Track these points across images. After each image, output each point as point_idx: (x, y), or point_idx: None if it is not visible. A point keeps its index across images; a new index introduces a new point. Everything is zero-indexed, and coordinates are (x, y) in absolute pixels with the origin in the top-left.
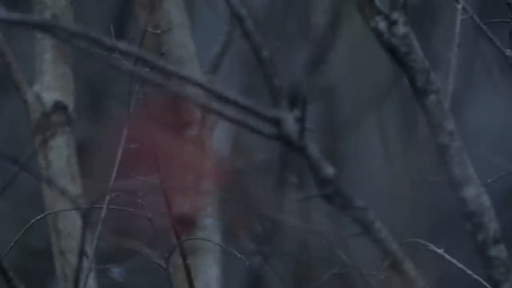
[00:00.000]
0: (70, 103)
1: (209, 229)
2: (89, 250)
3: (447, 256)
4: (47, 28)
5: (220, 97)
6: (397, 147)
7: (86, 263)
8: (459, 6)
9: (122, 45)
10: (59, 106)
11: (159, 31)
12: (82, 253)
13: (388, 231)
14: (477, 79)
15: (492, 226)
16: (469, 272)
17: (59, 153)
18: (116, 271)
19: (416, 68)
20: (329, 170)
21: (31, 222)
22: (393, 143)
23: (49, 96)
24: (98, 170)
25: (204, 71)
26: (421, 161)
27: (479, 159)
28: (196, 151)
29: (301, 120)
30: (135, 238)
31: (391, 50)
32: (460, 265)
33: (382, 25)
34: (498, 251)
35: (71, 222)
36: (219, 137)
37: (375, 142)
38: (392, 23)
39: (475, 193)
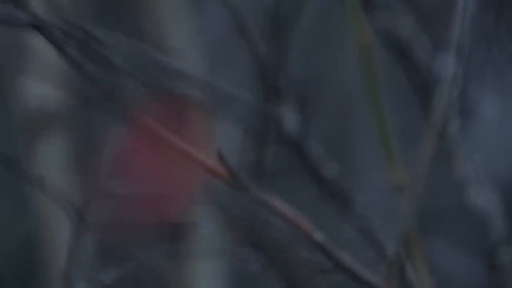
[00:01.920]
0: (64, 100)
1: (207, 233)
2: (80, 255)
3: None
4: (39, 27)
5: (219, 94)
6: (398, 147)
7: (76, 269)
8: (463, 2)
9: (117, 39)
10: (52, 104)
11: (156, 24)
12: (72, 258)
13: (388, 232)
14: (484, 77)
15: (498, 228)
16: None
17: (51, 154)
18: (108, 276)
19: (418, 65)
20: (329, 170)
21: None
22: (394, 142)
23: (41, 93)
24: (93, 172)
25: (203, 66)
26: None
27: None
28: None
29: (301, 120)
30: (129, 241)
31: (392, 47)
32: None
33: (382, 20)
34: (504, 254)
35: (62, 226)
36: (219, 136)
37: (375, 142)
38: (393, 19)
39: (481, 195)
